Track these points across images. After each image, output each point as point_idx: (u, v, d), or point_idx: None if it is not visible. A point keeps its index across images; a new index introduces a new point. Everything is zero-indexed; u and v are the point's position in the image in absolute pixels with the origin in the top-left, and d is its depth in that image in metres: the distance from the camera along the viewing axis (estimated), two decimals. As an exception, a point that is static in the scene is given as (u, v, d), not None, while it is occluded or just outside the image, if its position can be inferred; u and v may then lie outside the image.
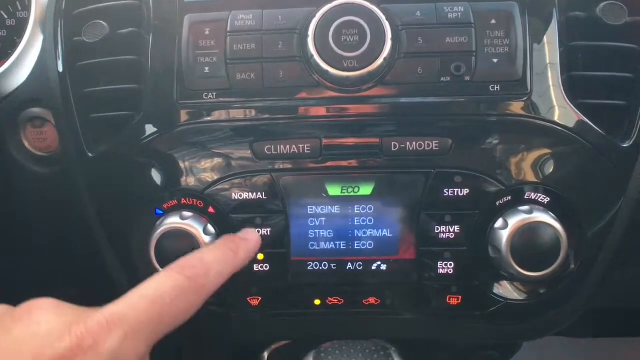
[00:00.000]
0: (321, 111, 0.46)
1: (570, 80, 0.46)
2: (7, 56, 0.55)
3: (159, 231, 0.45)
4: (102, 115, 0.48)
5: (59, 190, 0.53)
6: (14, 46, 0.55)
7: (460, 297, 0.48)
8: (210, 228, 0.47)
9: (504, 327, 0.49)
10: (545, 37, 0.46)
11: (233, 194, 0.47)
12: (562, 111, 0.45)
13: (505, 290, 0.48)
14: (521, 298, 0.47)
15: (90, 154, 0.49)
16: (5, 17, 0.57)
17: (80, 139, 0.49)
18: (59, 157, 0.52)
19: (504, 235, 0.44)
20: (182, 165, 0.47)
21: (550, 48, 0.46)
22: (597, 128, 0.45)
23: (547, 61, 0.45)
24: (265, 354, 0.62)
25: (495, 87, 0.45)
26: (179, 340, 0.55)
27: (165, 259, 0.45)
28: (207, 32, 0.46)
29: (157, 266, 0.45)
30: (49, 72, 0.50)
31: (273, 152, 0.46)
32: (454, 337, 0.52)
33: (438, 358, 0.60)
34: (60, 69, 0.49)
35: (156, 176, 0.48)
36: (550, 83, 0.45)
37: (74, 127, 0.49)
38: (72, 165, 0.49)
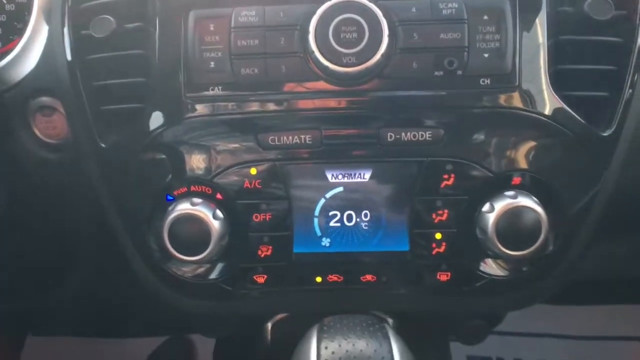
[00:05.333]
0: (321, 104, 0.48)
1: (557, 73, 0.48)
2: (8, 41, 0.56)
3: (172, 216, 0.48)
4: (112, 107, 0.51)
5: (71, 176, 0.55)
6: (15, 32, 0.56)
7: (449, 273, 0.52)
8: (219, 213, 0.50)
9: (489, 300, 0.54)
10: (534, 32, 0.48)
11: (239, 182, 0.50)
12: (547, 103, 0.48)
13: (490, 267, 0.52)
14: (504, 274, 0.52)
15: (103, 145, 0.51)
16: (4, 1, 0.57)
17: (93, 130, 0.51)
18: (69, 144, 0.54)
19: (490, 218, 0.47)
20: (190, 155, 0.50)
21: (538, 42, 0.48)
22: (579, 118, 0.48)
23: (536, 55, 0.48)
24: (269, 324, 0.67)
25: (486, 81, 0.47)
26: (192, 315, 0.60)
27: (178, 242, 0.49)
28: (211, 28, 0.48)
29: (171, 249, 0.49)
30: (57, 62, 0.52)
31: (277, 143, 0.49)
32: (443, 310, 0.56)
33: (429, 327, 0.65)
34: (69, 57, 0.51)
35: (167, 166, 0.50)
36: (538, 76, 0.48)
37: (86, 118, 0.51)
38: (85, 156, 0.52)
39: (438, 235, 0.50)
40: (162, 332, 1.21)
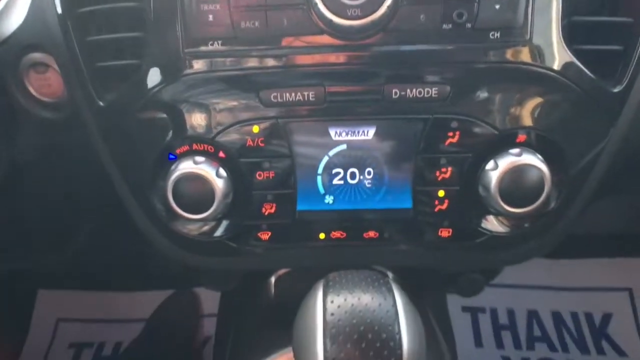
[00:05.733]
0: (325, 59, 0.47)
1: (570, 25, 0.46)
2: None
3: (175, 175, 0.48)
4: (108, 64, 0.49)
5: (71, 135, 0.54)
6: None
7: (451, 230, 0.52)
8: (222, 172, 0.50)
9: (489, 256, 0.55)
10: None
11: (241, 140, 0.49)
12: (557, 57, 0.46)
13: (492, 224, 0.52)
14: (505, 231, 0.52)
15: (101, 103, 0.50)
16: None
17: (90, 88, 0.49)
18: (66, 103, 0.53)
19: (494, 176, 0.47)
20: (191, 113, 0.49)
21: None
22: (590, 74, 0.47)
23: (548, 7, 0.46)
24: (273, 279, 0.69)
25: (496, 35, 0.46)
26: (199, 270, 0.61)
27: (183, 201, 0.49)
28: None
29: (176, 207, 0.49)
30: (47, 16, 0.49)
31: (279, 100, 0.48)
32: (444, 265, 0.58)
33: (428, 280, 0.67)
34: (59, 10, 0.49)
35: (167, 124, 0.49)
36: (549, 29, 0.46)
37: (82, 75, 0.49)
38: (84, 114, 0.51)
39: (441, 193, 0.51)
40: (168, 286, 1.25)
